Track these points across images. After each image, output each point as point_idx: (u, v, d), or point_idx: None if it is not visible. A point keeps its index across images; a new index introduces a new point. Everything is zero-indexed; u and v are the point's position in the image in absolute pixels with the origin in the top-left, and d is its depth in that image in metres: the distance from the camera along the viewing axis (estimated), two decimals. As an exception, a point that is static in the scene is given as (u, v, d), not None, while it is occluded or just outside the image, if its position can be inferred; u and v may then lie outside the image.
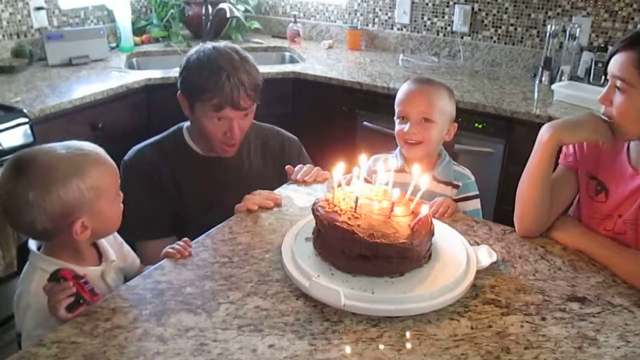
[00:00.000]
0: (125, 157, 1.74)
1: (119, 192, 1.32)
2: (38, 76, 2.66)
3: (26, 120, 2.16)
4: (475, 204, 1.72)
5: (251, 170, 1.82)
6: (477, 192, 1.73)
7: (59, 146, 1.25)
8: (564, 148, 1.55)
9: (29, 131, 2.15)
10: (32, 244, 1.30)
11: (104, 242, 1.37)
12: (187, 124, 1.79)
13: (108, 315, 1.13)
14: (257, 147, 1.86)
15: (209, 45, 1.69)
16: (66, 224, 1.22)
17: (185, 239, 1.39)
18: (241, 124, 1.69)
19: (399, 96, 1.70)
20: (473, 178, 1.74)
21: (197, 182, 1.74)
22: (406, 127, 1.65)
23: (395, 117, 1.71)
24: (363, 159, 1.42)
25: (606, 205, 1.44)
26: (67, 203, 1.20)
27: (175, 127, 1.81)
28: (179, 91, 1.72)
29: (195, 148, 1.76)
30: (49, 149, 1.24)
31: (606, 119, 1.38)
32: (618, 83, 1.32)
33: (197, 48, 1.70)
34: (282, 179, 1.82)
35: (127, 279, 1.35)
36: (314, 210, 1.30)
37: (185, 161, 1.74)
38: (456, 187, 1.70)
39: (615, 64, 1.32)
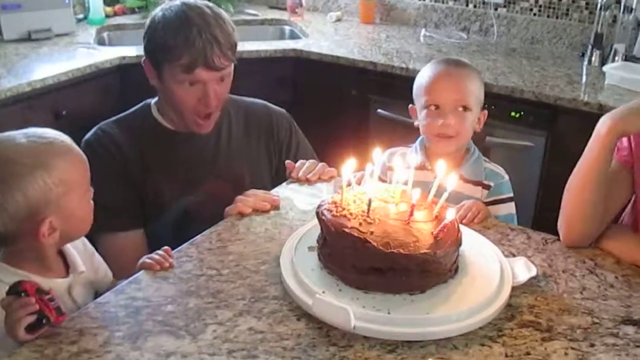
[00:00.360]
0: (87, 136, 1.77)
1: (89, 186, 1.33)
2: (-9, 53, 2.68)
3: (-23, 105, 2.17)
4: (510, 207, 1.72)
5: (231, 147, 1.84)
6: (511, 194, 1.73)
7: (18, 135, 1.26)
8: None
9: (-19, 118, 2.17)
10: None
11: (73, 251, 1.37)
12: (154, 99, 1.82)
13: (74, 337, 1.14)
14: (239, 122, 1.88)
15: (177, 1, 1.72)
16: (32, 225, 1.23)
17: (166, 247, 1.39)
18: (217, 89, 1.71)
19: (425, 82, 1.69)
20: (507, 177, 1.74)
21: (167, 161, 1.76)
22: (440, 119, 1.64)
23: (418, 108, 1.71)
24: (377, 153, 1.42)
25: None
26: (32, 201, 1.21)
27: (142, 103, 1.84)
28: (144, 57, 1.75)
29: (164, 123, 1.79)
30: (7, 138, 1.25)
31: None
32: None
33: (162, 5, 1.73)
34: (272, 159, 1.87)
35: (97, 295, 1.36)
36: (318, 214, 1.30)
37: (154, 137, 1.77)
38: (487, 187, 1.71)
39: None
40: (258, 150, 1.88)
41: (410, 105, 1.76)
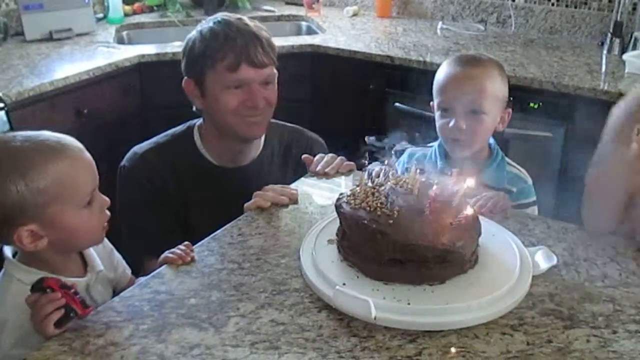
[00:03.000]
0: (124, 162, 1.75)
1: (96, 196, 1.29)
2: (14, 54, 2.71)
3: (1, 105, 2.20)
4: (532, 212, 1.69)
5: (269, 182, 1.75)
6: (534, 198, 1.70)
7: (20, 137, 1.24)
8: None
9: (5, 118, 2.20)
10: (7, 250, 1.32)
11: (91, 250, 1.38)
12: (198, 122, 1.80)
13: (100, 331, 1.15)
14: (280, 154, 1.87)
15: (209, 18, 1.73)
16: (9, 230, 1.21)
17: (187, 242, 1.40)
18: (263, 92, 1.69)
19: (439, 82, 1.65)
20: (530, 181, 1.71)
21: (207, 197, 1.74)
22: (452, 121, 1.61)
23: (434, 107, 1.68)
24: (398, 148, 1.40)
25: None
26: (4, 207, 1.18)
27: (185, 126, 1.81)
28: (185, 78, 1.73)
29: (208, 156, 1.77)
30: (8, 139, 1.24)
31: None
32: None
33: (195, 28, 1.74)
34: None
35: (116, 292, 1.38)
36: (337, 207, 1.31)
37: (195, 172, 1.75)
38: (509, 192, 1.67)
39: None
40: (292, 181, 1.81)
41: (432, 102, 1.72)
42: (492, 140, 1.73)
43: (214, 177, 1.76)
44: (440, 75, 1.66)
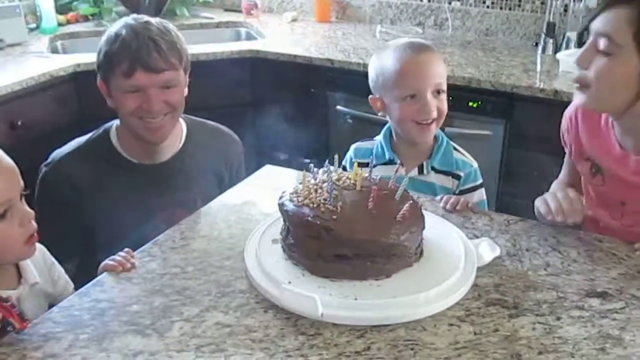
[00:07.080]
0: (43, 167, 1.73)
1: (16, 207, 1.22)
2: (-59, 66, 2.62)
3: None
4: (481, 194, 1.73)
5: (190, 176, 1.81)
6: (481, 181, 1.73)
7: None
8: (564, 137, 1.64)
9: None
10: None
11: (27, 261, 1.33)
12: (116, 122, 1.78)
13: (38, 343, 1.11)
14: (200, 151, 1.85)
15: (123, 18, 1.73)
16: None
17: (127, 249, 1.38)
18: (162, 96, 1.66)
19: (397, 72, 1.61)
20: (476, 165, 1.74)
21: (127, 192, 1.73)
22: (419, 106, 1.60)
23: (389, 100, 1.65)
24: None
25: (605, 189, 1.51)
26: None
27: (102, 129, 1.79)
28: (98, 78, 1.73)
29: (125, 154, 1.76)
30: None
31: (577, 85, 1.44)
32: (602, 43, 1.35)
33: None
34: (221, 185, 1.84)
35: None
36: (280, 206, 1.30)
37: (114, 169, 1.74)
38: (457, 177, 1.70)
39: (603, 20, 1.36)
40: (213, 177, 1.87)
41: (371, 96, 1.70)
42: None
43: (134, 174, 1.75)
44: (395, 65, 1.62)
